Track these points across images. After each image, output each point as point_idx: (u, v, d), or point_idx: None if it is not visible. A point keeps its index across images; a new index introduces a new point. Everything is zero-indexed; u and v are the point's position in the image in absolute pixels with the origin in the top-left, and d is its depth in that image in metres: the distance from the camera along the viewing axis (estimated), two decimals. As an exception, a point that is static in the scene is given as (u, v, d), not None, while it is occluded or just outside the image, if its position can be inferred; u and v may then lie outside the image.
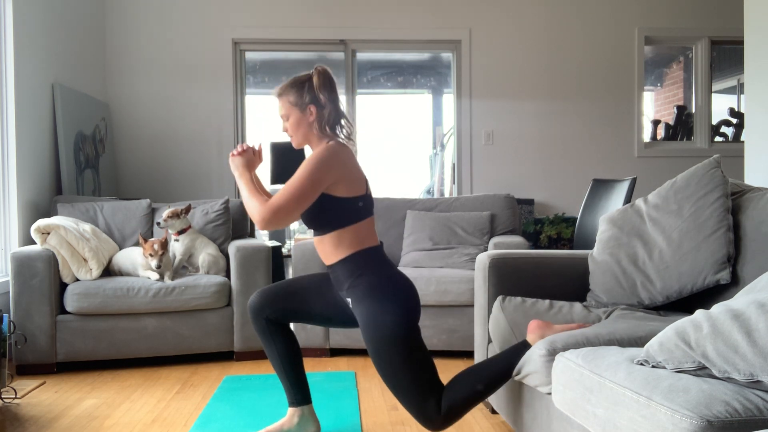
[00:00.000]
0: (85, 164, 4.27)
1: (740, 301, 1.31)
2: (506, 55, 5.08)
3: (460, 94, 5.08)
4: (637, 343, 1.71)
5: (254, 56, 5.26)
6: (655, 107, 6.13)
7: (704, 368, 1.29)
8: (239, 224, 3.99)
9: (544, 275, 2.39)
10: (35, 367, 3.21)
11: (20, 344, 3.14)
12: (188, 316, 3.37)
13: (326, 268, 2.14)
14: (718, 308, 1.32)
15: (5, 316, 2.74)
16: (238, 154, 2.13)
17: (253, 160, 2.14)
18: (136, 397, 2.86)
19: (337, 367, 3.33)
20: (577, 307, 2.14)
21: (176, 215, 3.57)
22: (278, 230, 5.32)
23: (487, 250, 3.65)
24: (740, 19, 3.54)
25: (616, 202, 3.35)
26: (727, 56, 5.60)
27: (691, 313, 1.78)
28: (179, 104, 4.90)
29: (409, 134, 5.73)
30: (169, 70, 4.90)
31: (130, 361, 3.40)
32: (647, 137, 5.38)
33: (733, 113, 5.60)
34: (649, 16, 5.15)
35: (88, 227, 3.49)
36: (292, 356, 2.23)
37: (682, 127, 5.48)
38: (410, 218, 3.94)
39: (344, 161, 2.03)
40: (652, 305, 2.14)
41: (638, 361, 1.42)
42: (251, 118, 5.12)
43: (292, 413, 2.25)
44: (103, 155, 4.57)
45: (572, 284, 2.36)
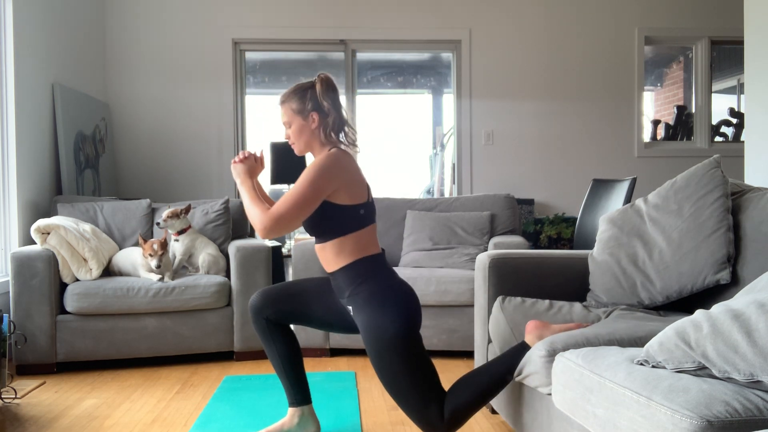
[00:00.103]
0: (85, 164, 4.27)
1: (740, 301, 1.31)
2: (506, 55, 5.08)
3: (460, 94, 5.08)
4: (637, 343, 1.71)
5: (254, 56, 5.26)
6: (655, 107, 6.13)
7: (704, 368, 1.29)
8: (239, 224, 3.99)
9: (544, 275, 2.39)
10: (35, 367, 3.21)
11: (20, 344, 3.14)
12: (188, 316, 3.37)
13: (327, 274, 2.14)
14: (718, 308, 1.32)
15: (5, 316, 2.74)
16: (239, 161, 2.13)
17: (254, 167, 2.14)
18: (136, 397, 2.86)
19: (337, 367, 3.33)
20: (576, 307, 2.14)
21: (176, 215, 3.57)
22: (278, 230, 5.32)
23: (487, 250, 3.65)
24: (740, 19, 3.54)
25: (616, 202, 3.35)
26: (727, 56, 5.60)
27: (691, 313, 1.78)
28: (179, 104, 4.90)
29: (409, 134, 5.73)
30: (169, 70, 4.90)
31: (130, 361, 3.40)
32: (647, 137, 5.38)
33: (733, 113, 5.60)
34: (649, 16, 5.15)
35: (88, 227, 3.49)
36: (292, 356, 2.23)
37: (682, 127, 5.48)
38: (410, 218, 3.94)
39: (346, 168, 2.03)
40: (652, 305, 2.14)
41: (638, 361, 1.42)
42: (251, 118, 5.12)
43: (292, 413, 2.25)
44: (103, 155, 4.57)
45: (572, 284, 2.36)
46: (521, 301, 2.17)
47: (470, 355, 3.42)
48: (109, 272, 3.53)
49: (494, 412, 2.54)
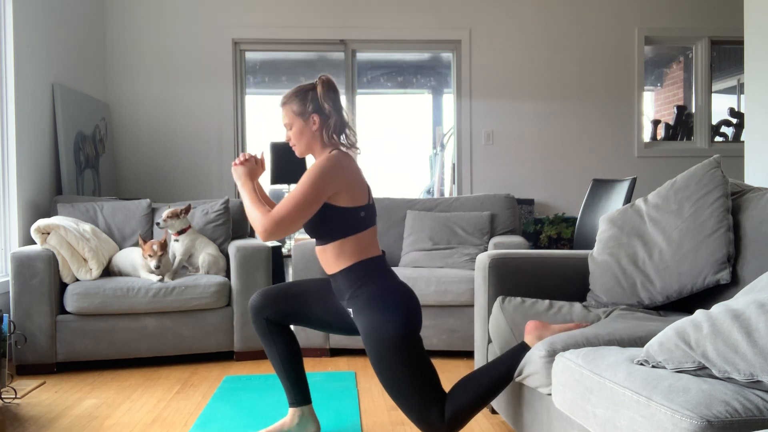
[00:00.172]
0: (85, 164, 4.27)
1: (740, 301, 1.31)
2: (506, 55, 5.07)
3: (460, 94, 5.08)
4: (637, 343, 1.71)
5: (254, 56, 5.26)
6: (655, 107, 6.13)
7: (704, 368, 1.29)
8: (239, 224, 3.99)
9: (544, 275, 2.39)
10: (35, 367, 3.21)
11: (20, 344, 3.14)
12: (188, 316, 3.37)
13: (328, 276, 2.14)
14: (718, 308, 1.32)
15: (5, 316, 2.74)
16: (240, 163, 2.13)
17: (255, 169, 2.14)
18: (136, 397, 2.86)
19: (337, 367, 3.33)
20: (576, 307, 2.14)
21: (176, 215, 3.57)
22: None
23: (487, 250, 3.65)
24: (740, 19, 3.54)
25: (616, 202, 3.35)
26: (727, 56, 5.60)
27: (691, 313, 1.78)
28: (179, 104, 4.90)
29: (409, 134, 5.73)
30: (169, 70, 4.90)
31: (130, 361, 3.40)
32: (647, 137, 5.37)
33: (733, 113, 5.60)
34: (649, 16, 5.15)
35: (88, 227, 3.49)
36: (292, 356, 2.23)
37: (682, 127, 5.48)
38: (410, 218, 3.94)
39: (347, 171, 2.03)
40: (652, 305, 2.14)
41: (638, 361, 1.42)
42: (251, 118, 5.12)
43: (292, 413, 2.25)
44: (103, 155, 4.57)
45: (572, 284, 2.36)
46: (521, 301, 2.17)
47: (470, 355, 3.42)
48: (109, 272, 3.53)
49: (494, 412, 2.54)
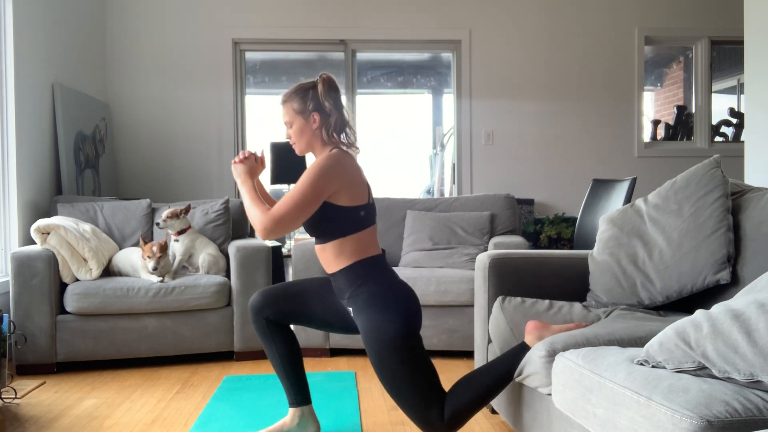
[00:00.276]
0: (85, 164, 4.27)
1: (740, 301, 1.31)
2: (506, 55, 5.07)
3: (460, 94, 5.08)
4: (637, 343, 1.71)
5: (254, 56, 5.26)
6: (655, 107, 6.13)
7: (704, 368, 1.29)
8: (239, 224, 3.99)
9: (544, 275, 2.39)
10: (35, 367, 3.21)
11: (20, 344, 3.14)
12: (188, 316, 3.37)
13: (328, 275, 2.14)
14: (718, 308, 1.32)
15: (5, 316, 2.74)
16: (240, 161, 2.13)
17: (255, 167, 2.14)
18: (136, 397, 2.86)
19: (337, 367, 3.33)
20: (576, 307, 2.14)
21: (176, 215, 3.57)
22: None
23: (487, 250, 3.65)
24: (740, 19, 3.54)
25: (616, 202, 3.35)
26: (727, 56, 5.60)
27: (691, 313, 1.78)
28: (179, 104, 4.90)
29: (409, 134, 5.73)
30: (169, 70, 4.90)
31: (130, 361, 3.40)
32: (647, 137, 5.37)
33: (733, 113, 5.60)
34: (649, 16, 5.15)
35: (88, 227, 3.49)
36: (292, 356, 2.23)
37: (682, 127, 5.48)
38: (410, 218, 3.94)
39: (347, 170, 2.02)
40: (652, 305, 2.14)
41: (638, 361, 1.42)
42: (251, 118, 5.12)
43: (292, 414, 2.25)
44: (103, 155, 4.57)
45: (572, 284, 2.36)
46: (521, 301, 2.17)
47: (470, 355, 3.42)
48: (109, 272, 3.53)
49: (494, 412, 2.54)
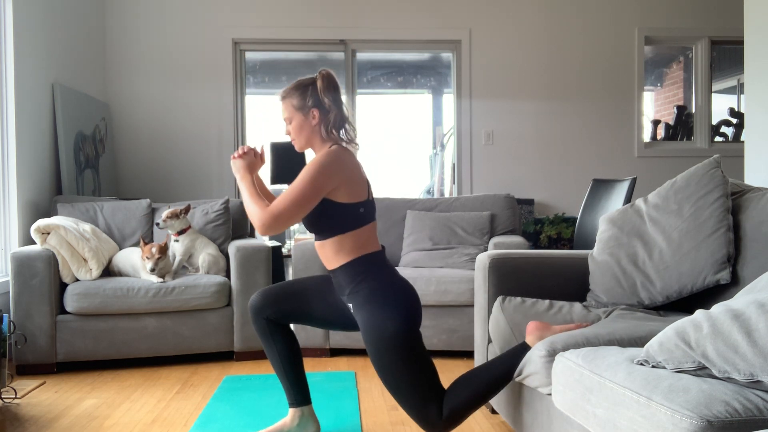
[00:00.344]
0: (85, 164, 4.27)
1: (740, 301, 1.31)
2: (506, 55, 5.07)
3: (460, 94, 5.08)
4: (637, 343, 1.71)
5: (254, 56, 5.26)
6: (655, 107, 6.13)
7: (704, 368, 1.29)
8: (239, 224, 3.99)
9: (544, 275, 2.39)
10: (35, 367, 3.21)
11: (20, 344, 3.14)
12: (188, 316, 3.37)
13: (328, 272, 2.14)
14: (718, 308, 1.32)
15: (5, 316, 2.74)
16: (239, 156, 2.13)
17: (254, 162, 2.14)
18: (136, 397, 2.86)
19: (337, 367, 3.33)
20: (577, 307, 2.14)
21: (175, 216, 3.57)
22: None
23: (487, 250, 3.65)
24: (740, 19, 3.54)
25: (616, 202, 3.35)
26: (727, 56, 5.60)
27: (691, 313, 1.78)
28: (179, 104, 4.90)
29: (409, 134, 5.73)
30: (169, 70, 4.90)
31: (130, 361, 3.40)
32: (647, 137, 5.37)
33: (733, 113, 5.60)
34: (649, 16, 5.15)
35: (88, 227, 3.49)
36: (292, 356, 2.23)
37: (682, 127, 5.48)
38: (410, 218, 3.94)
39: (346, 166, 2.02)
40: (652, 305, 2.14)
41: (638, 361, 1.42)
42: (251, 118, 5.12)
43: (292, 414, 2.25)
44: (103, 155, 4.57)
45: (572, 284, 2.36)
46: (521, 301, 2.17)
47: (470, 355, 3.42)
48: (109, 272, 3.53)
49: (494, 412, 2.54)
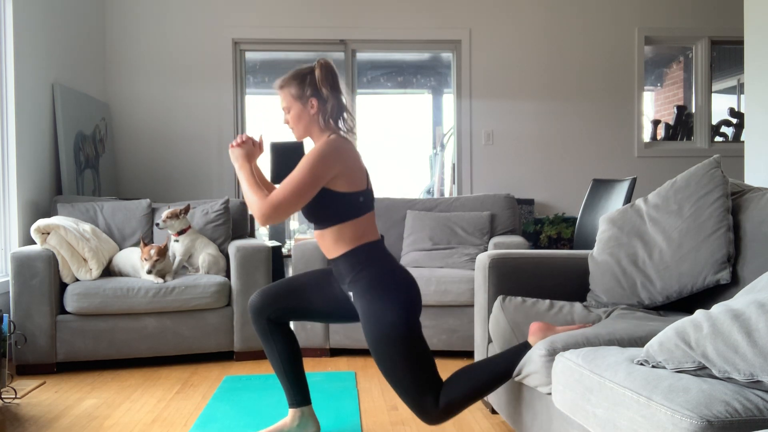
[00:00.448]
0: (85, 164, 4.27)
1: (740, 301, 1.31)
2: (506, 55, 5.07)
3: (460, 94, 5.08)
4: (637, 343, 1.71)
5: (254, 56, 5.26)
6: (655, 107, 6.13)
7: (704, 368, 1.29)
8: (239, 224, 3.99)
9: (544, 275, 2.39)
10: (35, 367, 3.21)
11: (20, 344, 3.14)
12: (188, 316, 3.37)
13: (328, 261, 2.14)
14: (718, 308, 1.32)
15: (5, 316, 2.74)
16: (237, 145, 2.12)
17: (253, 151, 2.14)
18: (136, 397, 2.86)
19: (337, 367, 3.33)
20: (577, 307, 2.14)
21: (175, 216, 3.57)
22: (278, 230, 5.32)
23: (487, 250, 3.65)
24: (740, 19, 3.54)
25: (616, 202, 3.35)
26: (727, 56, 5.60)
27: (691, 313, 1.78)
28: (179, 104, 4.90)
29: (409, 134, 5.73)
30: (169, 70, 4.90)
31: (130, 361, 3.40)
32: (647, 137, 5.37)
33: (733, 113, 5.60)
34: (649, 16, 5.15)
35: (88, 227, 3.49)
36: (292, 357, 2.23)
37: (682, 127, 5.48)
38: (410, 218, 3.94)
39: (345, 156, 2.02)
40: (652, 305, 2.14)
41: (638, 361, 1.42)
42: (251, 118, 5.12)
43: (292, 414, 2.25)
44: (103, 155, 4.57)
45: (572, 284, 2.36)
46: (522, 300, 2.17)
47: (470, 355, 3.42)
48: (109, 272, 3.53)
49: (494, 412, 2.54)
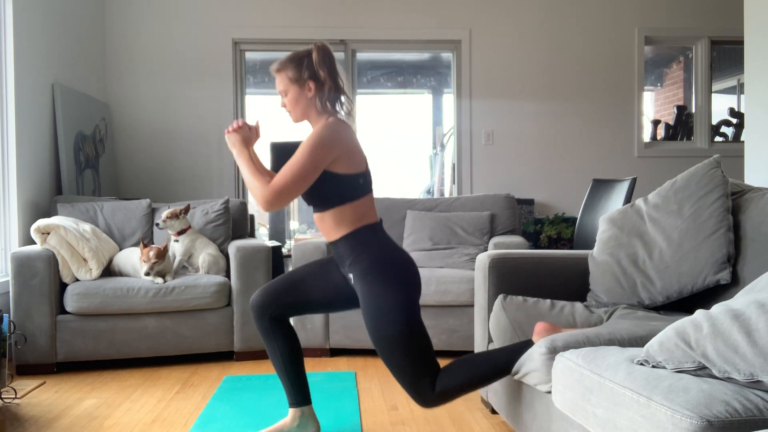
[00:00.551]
0: (85, 164, 4.27)
1: (740, 301, 1.31)
2: (506, 55, 5.07)
3: (460, 94, 5.08)
4: (637, 343, 1.71)
5: (254, 56, 5.26)
6: (655, 107, 6.13)
7: (704, 368, 1.29)
8: (239, 224, 3.99)
9: (544, 275, 2.39)
10: (35, 367, 3.21)
11: (20, 344, 3.14)
12: (188, 316, 3.37)
13: (328, 244, 2.14)
14: (718, 308, 1.32)
15: (5, 316, 2.74)
16: (233, 130, 2.12)
17: (249, 136, 2.13)
18: (136, 397, 2.86)
19: (337, 367, 3.33)
20: (578, 306, 2.14)
21: (175, 216, 3.57)
22: (278, 230, 5.33)
23: (487, 250, 3.65)
24: (740, 19, 3.54)
25: (616, 202, 3.35)
26: (727, 56, 5.60)
27: (691, 313, 1.78)
28: (179, 104, 4.90)
29: (409, 134, 5.73)
30: (169, 70, 4.90)
31: (130, 361, 3.40)
32: (647, 137, 5.37)
33: (733, 113, 5.60)
34: (649, 16, 5.15)
35: (88, 227, 3.49)
36: (293, 356, 2.24)
37: (682, 127, 5.48)
38: (410, 218, 3.94)
39: (344, 138, 2.02)
40: (652, 305, 2.14)
41: (638, 361, 1.42)
42: (251, 118, 5.12)
43: (292, 414, 2.25)
44: (103, 155, 4.57)
45: (572, 284, 2.36)
46: (523, 300, 2.17)
47: (470, 355, 3.42)
48: (109, 272, 3.52)
49: (494, 412, 2.54)
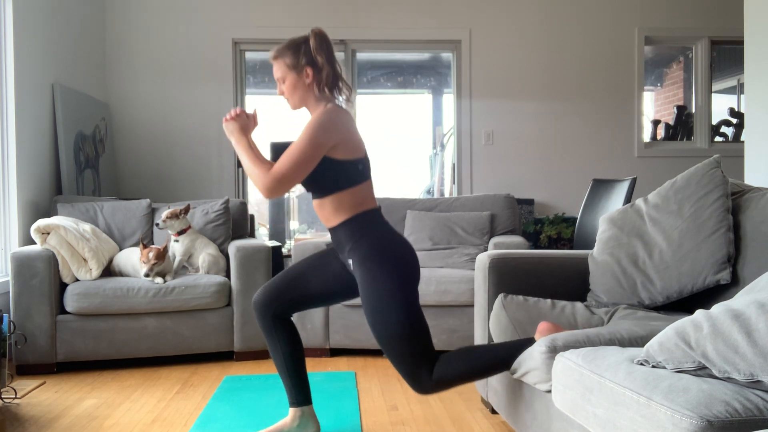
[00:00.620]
0: (85, 164, 4.27)
1: (740, 301, 1.31)
2: (506, 55, 5.07)
3: (460, 94, 5.08)
4: (637, 342, 1.71)
5: (254, 56, 5.26)
6: (655, 107, 6.13)
7: (704, 368, 1.29)
8: (239, 224, 3.99)
9: (544, 275, 2.39)
10: (35, 367, 3.21)
11: (20, 344, 3.14)
12: (188, 316, 3.37)
13: (327, 230, 2.14)
14: (718, 308, 1.32)
15: (5, 316, 2.74)
16: (231, 118, 2.12)
17: (247, 123, 2.14)
18: (136, 397, 2.86)
19: (337, 367, 3.33)
20: (579, 306, 2.14)
21: (175, 216, 3.57)
22: (278, 230, 5.32)
23: (487, 250, 3.65)
24: (740, 19, 3.54)
25: (616, 202, 3.35)
26: (727, 56, 5.60)
27: (691, 313, 1.78)
28: (179, 104, 4.90)
29: (409, 134, 5.73)
30: (169, 70, 4.89)
31: (130, 361, 3.40)
32: (647, 137, 5.37)
33: (733, 113, 5.60)
34: (649, 16, 5.15)
35: (88, 227, 3.49)
36: (295, 355, 2.24)
37: (682, 127, 5.48)
38: (410, 218, 3.94)
39: (343, 124, 2.02)
40: (652, 305, 2.14)
41: (638, 361, 1.42)
42: (251, 118, 5.11)
43: (292, 414, 2.25)
44: (103, 155, 4.57)
45: (572, 284, 2.36)
46: (523, 299, 2.17)
47: (470, 355, 3.42)
48: (109, 272, 3.52)
49: (494, 412, 2.54)
